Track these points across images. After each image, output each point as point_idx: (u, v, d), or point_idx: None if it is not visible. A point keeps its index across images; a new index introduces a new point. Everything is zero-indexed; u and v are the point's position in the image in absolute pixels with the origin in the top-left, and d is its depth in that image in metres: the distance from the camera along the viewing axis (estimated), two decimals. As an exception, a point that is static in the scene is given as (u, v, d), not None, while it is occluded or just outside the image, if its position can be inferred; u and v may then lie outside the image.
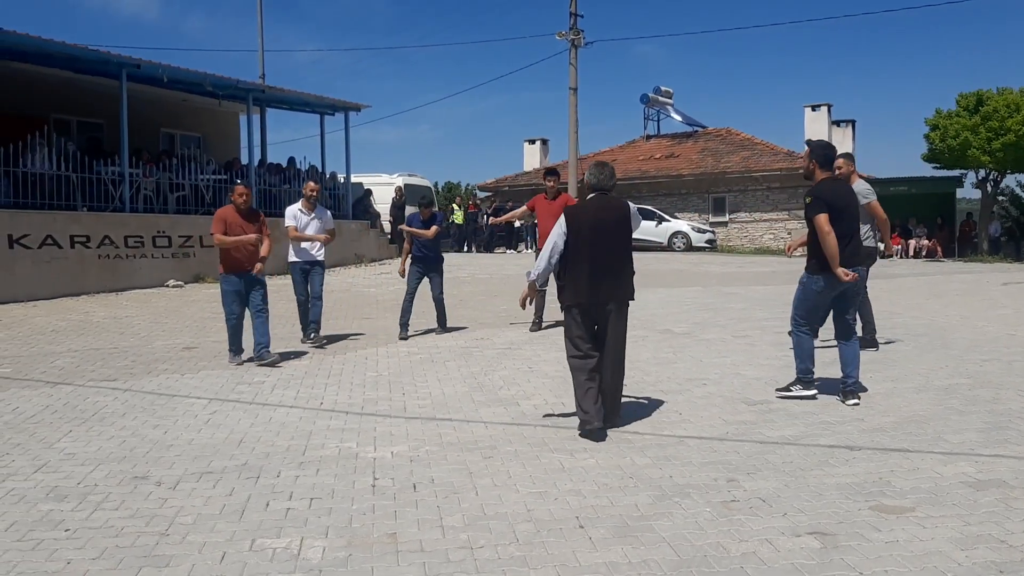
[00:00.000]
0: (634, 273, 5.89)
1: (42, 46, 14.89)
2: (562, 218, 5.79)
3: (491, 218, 26.16)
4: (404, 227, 10.19)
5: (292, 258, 9.57)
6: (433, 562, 3.65)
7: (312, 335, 9.51)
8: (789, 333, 8.10)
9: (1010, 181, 31.02)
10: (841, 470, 4.80)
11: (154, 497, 4.53)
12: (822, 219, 6.17)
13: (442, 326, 10.24)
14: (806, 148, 6.67)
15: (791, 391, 6.58)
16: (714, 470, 4.85)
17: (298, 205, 9.56)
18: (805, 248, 6.67)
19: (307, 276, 9.53)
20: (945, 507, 4.19)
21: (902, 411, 6.11)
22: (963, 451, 5.12)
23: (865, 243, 7.61)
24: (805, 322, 6.54)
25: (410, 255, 10.13)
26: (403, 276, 10.10)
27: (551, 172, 10.47)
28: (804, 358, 6.54)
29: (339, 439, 5.65)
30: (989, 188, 29.17)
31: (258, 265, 8.34)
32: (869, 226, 8.11)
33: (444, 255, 10.50)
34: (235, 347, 8.46)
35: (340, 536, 3.96)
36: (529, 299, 6.15)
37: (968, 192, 32.69)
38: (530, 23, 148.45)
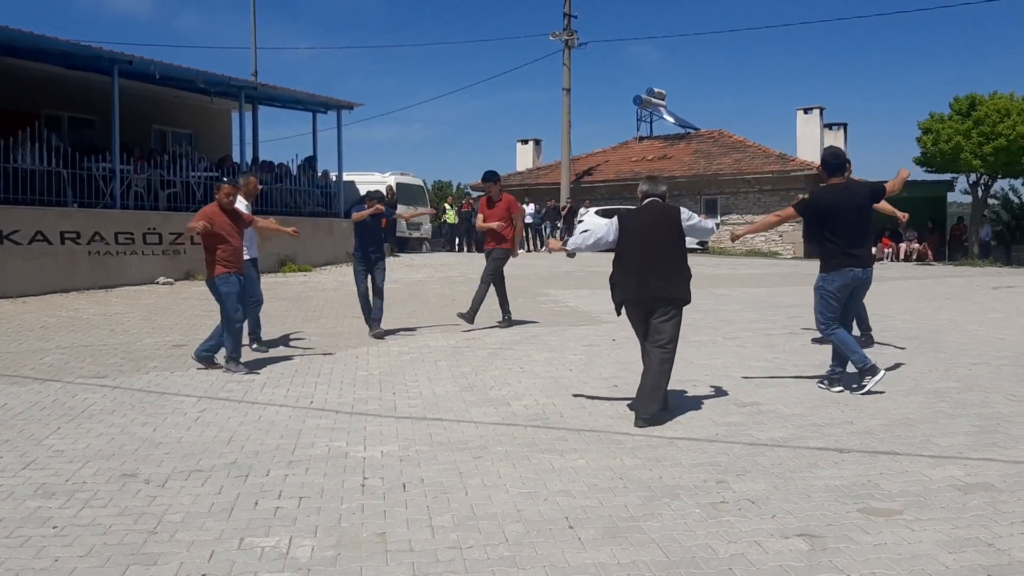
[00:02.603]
0: (688, 276, 6.14)
1: (34, 41, 14.82)
2: (616, 218, 6.27)
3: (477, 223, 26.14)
4: (356, 216, 9.94)
5: (244, 255, 8.45)
6: (422, 562, 3.64)
7: (255, 345, 9.01)
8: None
9: (1002, 185, 31.19)
10: (830, 472, 4.82)
11: (143, 495, 4.52)
12: (787, 210, 7.20)
13: (377, 320, 9.92)
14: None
15: (864, 385, 6.70)
16: (703, 471, 4.86)
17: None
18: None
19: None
20: (933, 510, 4.20)
21: (891, 414, 6.13)
22: (952, 454, 5.14)
23: None
24: (834, 322, 6.83)
25: (355, 253, 9.96)
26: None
27: (491, 177, 10.46)
28: (854, 349, 6.79)
29: (329, 438, 5.63)
30: (980, 192, 29.30)
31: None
32: None
33: (436, 255, 10.47)
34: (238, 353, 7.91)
35: (329, 535, 3.96)
36: (549, 250, 6.85)
37: (959, 196, 32.84)
38: (524, 23, 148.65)
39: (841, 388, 6.82)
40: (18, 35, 14.46)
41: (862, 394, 6.67)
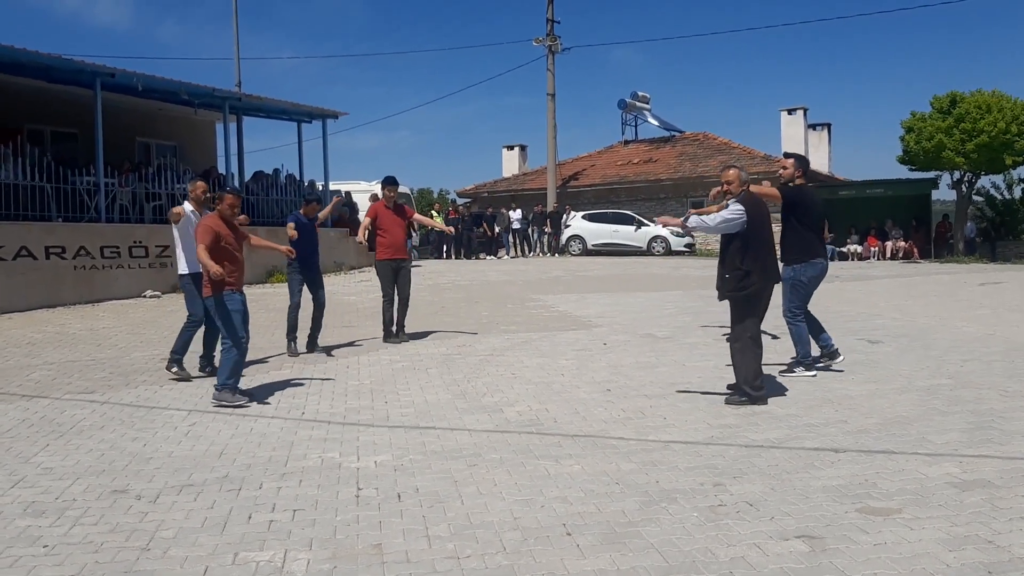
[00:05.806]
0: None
1: (14, 55, 14.70)
2: (741, 207, 6.33)
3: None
4: (290, 230, 9.22)
5: (184, 269, 7.99)
6: (419, 572, 3.60)
7: (208, 368, 8.23)
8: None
9: (984, 182, 31.32)
10: (827, 472, 4.80)
11: (134, 511, 4.46)
12: (771, 189, 7.48)
13: (313, 339, 9.45)
14: (792, 159, 7.67)
15: (794, 372, 7.34)
16: (700, 474, 4.84)
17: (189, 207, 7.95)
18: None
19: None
20: (931, 508, 4.19)
21: (885, 412, 6.13)
22: (947, 452, 5.14)
23: None
24: (800, 311, 7.37)
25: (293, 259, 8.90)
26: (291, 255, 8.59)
27: (392, 182, 10.13)
28: (805, 343, 7.40)
29: (321, 449, 5.59)
30: (964, 189, 29.44)
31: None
32: None
33: (425, 262, 10.38)
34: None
35: (324, 548, 3.91)
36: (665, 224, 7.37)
37: (943, 193, 33.00)
38: (508, 29, 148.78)
39: (814, 373, 7.36)
40: (-2, 49, 14.34)
41: (779, 373, 7.36)
